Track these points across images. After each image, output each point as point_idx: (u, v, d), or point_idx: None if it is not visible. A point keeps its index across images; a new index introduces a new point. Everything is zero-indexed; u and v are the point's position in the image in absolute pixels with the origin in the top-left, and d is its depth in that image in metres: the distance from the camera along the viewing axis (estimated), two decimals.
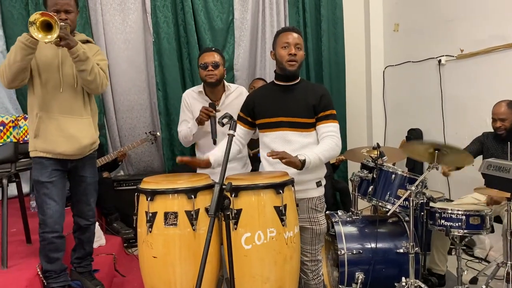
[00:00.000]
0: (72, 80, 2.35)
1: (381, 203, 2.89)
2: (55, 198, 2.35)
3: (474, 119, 3.82)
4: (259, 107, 2.38)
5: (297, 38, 2.30)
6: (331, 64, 5.00)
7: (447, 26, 4.17)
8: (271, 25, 4.79)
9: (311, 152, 2.19)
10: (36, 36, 2.02)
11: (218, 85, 2.81)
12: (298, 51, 2.29)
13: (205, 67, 2.75)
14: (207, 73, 2.75)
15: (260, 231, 1.99)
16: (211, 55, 2.78)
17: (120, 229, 3.94)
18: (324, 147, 2.23)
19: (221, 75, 2.79)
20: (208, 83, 2.78)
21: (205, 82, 2.80)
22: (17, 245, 2.72)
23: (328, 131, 2.27)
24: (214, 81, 2.76)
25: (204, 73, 2.77)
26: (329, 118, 2.29)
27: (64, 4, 2.27)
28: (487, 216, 2.70)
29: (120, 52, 4.46)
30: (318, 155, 2.18)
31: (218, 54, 2.82)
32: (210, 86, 2.79)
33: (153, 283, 2.07)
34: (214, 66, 2.74)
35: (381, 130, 5.27)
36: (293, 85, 2.36)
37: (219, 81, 2.79)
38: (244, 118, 2.43)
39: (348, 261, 2.80)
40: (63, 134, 2.33)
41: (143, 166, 4.75)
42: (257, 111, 2.38)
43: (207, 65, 2.74)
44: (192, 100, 2.90)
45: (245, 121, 2.43)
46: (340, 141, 2.29)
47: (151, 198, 2.02)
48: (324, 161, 2.25)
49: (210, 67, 2.73)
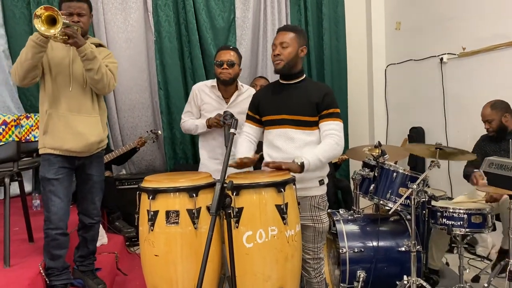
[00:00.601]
0: (81, 79, 2.41)
1: (382, 202, 2.89)
2: (60, 195, 2.37)
3: (476, 118, 3.79)
4: (263, 105, 2.40)
5: (284, 36, 2.29)
6: (333, 63, 5.00)
7: (449, 24, 4.16)
8: (273, 23, 4.79)
9: (311, 153, 2.18)
10: (39, 28, 2.06)
11: (231, 84, 2.84)
12: (283, 50, 2.28)
13: (220, 64, 2.79)
14: (222, 71, 2.79)
15: (261, 229, 1.99)
16: (227, 53, 2.82)
17: (122, 227, 3.95)
18: (323, 148, 2.22)
19: (236, 74, 2.84)
20: (221, 81, 2.81)
21: (218, 79, 2.83)
22: (19, 244, 2.73)
23: (329, 129, 2.26)
24: (228, 79, 2.80)
25: (218, 71, 2.81)
26: (332, 117, 2.28)
27: (77, 7, 2.36)
28: (488, 215, 2.70)
29: (121, 51, 4.47)
30: (318, 157, 2.17)
31: (235, 53, 2.86)
32: (223, 84, 2.83)
33: (154, 282, 2.07)
34: (230, 64, 2.78)
35: (383, 129, 5.27)
36: (297, 83, 2.36)
37: (232, 80, 2.83)
38: (252, 116, 2.45)
39: (350, 260, 2.80)
40: (71, 131, 2.37)
41: (145, 165, 4.76)
42: (262, 109, 2.40)
43: (223, 63, 2.78)
44: (202, 93, 2.93)
45: (254, 120, 2.45)
46: (341, 140, 2.26)
47: (152, 197, 2.02)
48: (325, 162, 2.24)
49: (225, 65, 2.77)
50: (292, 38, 2.29)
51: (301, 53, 2.34)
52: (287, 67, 2.31)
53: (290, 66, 2.31)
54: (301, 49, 2.33)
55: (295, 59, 2.31)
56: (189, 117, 3.02)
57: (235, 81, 2.86)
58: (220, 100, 2.90)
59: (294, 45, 2.29)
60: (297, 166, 2.12)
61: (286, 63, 2.30)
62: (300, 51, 2.33)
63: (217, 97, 2.89)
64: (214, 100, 2.89)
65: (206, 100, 2.92)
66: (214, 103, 2.89)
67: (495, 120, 3.15)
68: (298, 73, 2.36)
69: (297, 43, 2.31)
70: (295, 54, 2.31)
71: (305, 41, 2.37)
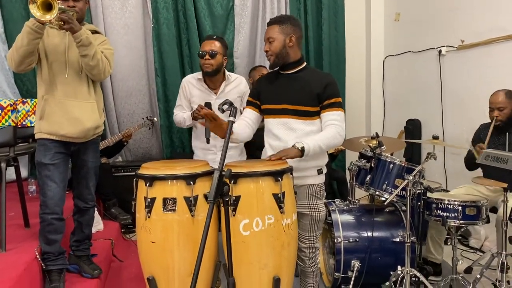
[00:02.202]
0: (77, 65, 2.40)
1: (378, 193, 2.90)
2: (56, 180, 2.38)
3: (473, 111, 3.82)
4: (264, 93, 2.39)
5: (269, 30, 2.30)
6: (331, 53, 4.97)
7: (449, 16, 4.15)
8: (272, 12, 4.74)
9: (312, 139, 2.18)
10: (35, 14, 2.04)
11: (215, 75, 2.80)
12: (270, 45, 2.28)
13: (202, 55, 2.75)
14: (204, 62, 2.76)
15: (258, 217, 2.00)
16: (210, 43, 2.77)
17: (118, 214, 3.95)
18: (325, 135, 2.22)
19: (219, 64, 2.78)
20: (204, 73, 2.78)
21: (202, 71, 2.79)
22: (15, 229, 2.73)
23: (331, 120, 2.26)
24: (210, 70, 2.75)
25: (201, 62, 2.77)
26: (333, 107, 2.28)
27: None
28: (483, 207, 2.71)
29: (119, 37, 4.43)
30: (318, 143, 2.18)
31: (218, 42, 2.80)
32: (207, 75, 2.79)
33: (151, 268, 2.08)
34: (211, 55, 2.73)
35: (379, 120, 5.27)
36: (297, 72, 2.34)
37: (216, 71, 2.77)
38: (253, 102, 2.44)
39: (345, 249, 2.82)
40: (67, 116, 2.37)
41: (141, 152, 4.75)
42: (263, 97, 2.39)
43: (205, 53, 2.74)
44: (190, 86, 2.91)
45: (255, 105, 2.43)
46: (343, 130, 2.26)
47: (150, 184, 2.02)
48: (325, 149, 2.24)
49: (207, 56, 2.73)
50: (276, 31, 2.28)
51: (290, 43, 2.28)
52: (278, 60, 2.30)
53: (281, 58, 2.30)
54: (289, 39, 2.28)
55: (284, 50, 2.28)
56: (180, 111, 3.00)
57: (219, 72, 2.81)
58: (208, 92, 2.87)
59: (279, 37, 2.27)
60: (297, 151, 2.13)
61: (275, 58, 2.30)
62: (289, 40, 2.28)
63: (205, 89, 2.86)
64: (203, 93, 2.86)
65: (194, 93, 2.89)
66: (202, 95, 2.87)
67: (507, 108, 3.02)
68: (295, 62, 2.33)
69: (283, 34, 2.28)
70: (283, 46, 2.28)
71: (293, 28, 2.29)
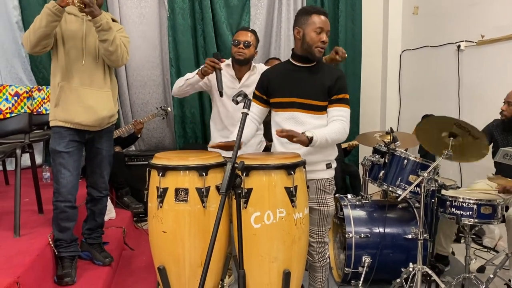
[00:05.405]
0: (94, 52, 2.41)
1: (391, 188, 2.87)
2: (70, 168, 2.39)
3: (490, 108, 3.74)
4: (273, 86, 2.35)
5: (328, 24, 2.26)
6: (348, 46, 4.91)
7: (469, 10, 4.06)
8: (288, 4, 4.70)
9: (320, 131, 2.16)
10: None
11: (245, 64, 2.88)
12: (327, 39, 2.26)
13: (237, 44, 2.84)
14: (237, 50, 2.84)
15: (269, 210, 1.99)
16: (245, 34, 2.86)
17: (130, 203, 3.98)
18: (332, 130, 2.20)
19: (251, 55, 2.88)
20: (236, 60, 2.84)
21: (233, 58, 2.85)
22: (29, 215, 2.77)
23: (339, 115, 2.24)
24: (243, 59, 2.84)
25: (234, 50, 2.86)
26: (342, 102, 2.25)
27: None
28: (499, 206, 2.66)
29: (134, 27, 4.44)
30: (325, 136, 2.16)
31: (252, 35, 2.90)
32: (237, 63, 2.87)
33: (161, 257, 2.09)
34: (246, 45, 2.83)
35: (395, 115, 5.21)
36: (310, 67, 2.32)
37: (247, 60, 2.86)
38: (259, 96, 2.41)
39: (356, 245, 2.80)
40: (82, 104, 2.38)
41: (154, 142, 4.77)
42: (271, 90, 2.35)
43: (239, 42, 2.83)
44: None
45: (260, 99, 2.41)
46: (348, 127, 2.25)
47: (162, 174, 2.02)
48: (331, 143, 2.22)
49: (242, 45, 2.82)
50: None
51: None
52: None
53: None
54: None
55: None
56: None
57: (249, 62, 2.89)
58: (232, 79, 2.90)
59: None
60: (306, 139, 2.11)
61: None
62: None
63: (230, 76, 2.90)
64: (227, 79, 2.89)
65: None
66: (226, 82, 2.88)
67: None
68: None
69: None
70: None
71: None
